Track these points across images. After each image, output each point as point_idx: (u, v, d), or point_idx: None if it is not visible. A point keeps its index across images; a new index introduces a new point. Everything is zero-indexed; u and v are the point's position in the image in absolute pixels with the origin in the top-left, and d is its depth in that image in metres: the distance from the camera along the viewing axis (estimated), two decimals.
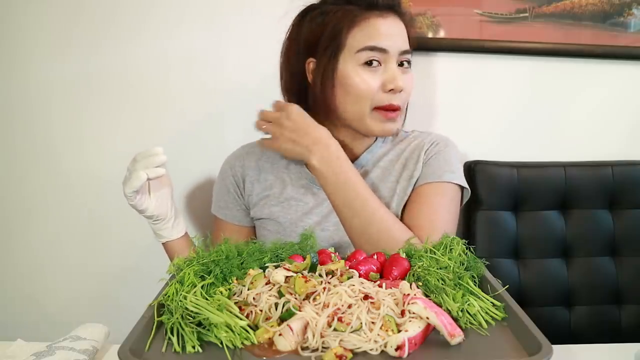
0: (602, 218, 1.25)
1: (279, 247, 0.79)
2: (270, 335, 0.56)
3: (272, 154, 1.06)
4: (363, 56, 0.91)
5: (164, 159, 0.83)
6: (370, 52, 0.91)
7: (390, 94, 0.93)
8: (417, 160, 1.01)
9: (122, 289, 1.34)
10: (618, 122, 1.33)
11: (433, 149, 1.02)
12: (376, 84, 0.92)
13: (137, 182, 0.82)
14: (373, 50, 0.91)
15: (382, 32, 0.91)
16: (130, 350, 0.53)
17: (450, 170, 0.99)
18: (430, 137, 1.05)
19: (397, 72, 0.93)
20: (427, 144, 1.03)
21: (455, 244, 0.74)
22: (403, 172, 1.01)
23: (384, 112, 0.94)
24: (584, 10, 1.24)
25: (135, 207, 0.88)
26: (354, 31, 0.91)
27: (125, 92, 1.26)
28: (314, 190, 1.02)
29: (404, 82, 0.93)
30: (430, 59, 1.27)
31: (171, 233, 0.95)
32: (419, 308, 0.57)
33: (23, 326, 1.36)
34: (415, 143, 1.05)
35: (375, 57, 0.92)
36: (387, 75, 0.93)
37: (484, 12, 1.24)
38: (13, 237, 1.34)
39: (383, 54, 0.92)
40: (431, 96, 1.30)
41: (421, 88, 1.29)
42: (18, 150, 1.29)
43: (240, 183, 1.07)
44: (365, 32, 0.91)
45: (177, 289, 0.62)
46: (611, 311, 1.24)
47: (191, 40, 1.24)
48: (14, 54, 1.24)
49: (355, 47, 0.92)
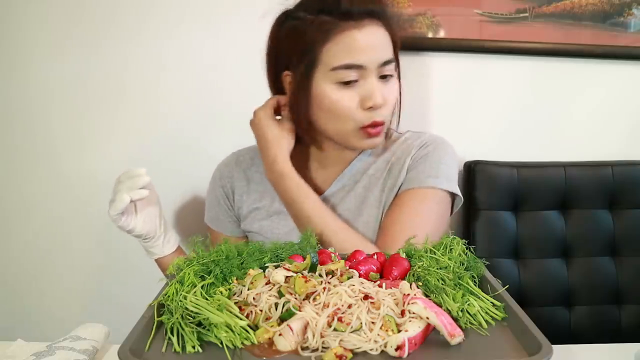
0: (602, 218, 1.25)
1: (279, 247, 0.79)
2: (270, 335, 0.56)
3: (260, 162, 1.01)
4: (339, 75, 0.85)
5: (147, 180, 0.83)
6: (347, 70, 0.84)
7: (370, 111, 0.87)
8: (402, 167, 0.96)
9: (122, 289, 1.34)
10: (618, 122, 1.33)
11: (420, 152, 0.97)
12: (354, 102, 0.86)
13: (120, 205, 0.82)
14: (349, 69, 0.84)
15: (358, 46, 0.83)
16: (130, 350, 0.53)
17: (434, 175, 0.92)
18: (421, 139, 0.99)
19: (376, 88, 0.86)
20: (416, 147, 0.98)
21: (455, 244, 0.74)
22: (388, 181, 0.97)
23: (368, 130, 0.88)
24: (584, 10, 1.25)
25: (122, 228, 0.88)
26: (328, 45, 0.84)
27: (125, 92, 1.26)
28: None
29: (385, 95, 0.87)
30: (430, 59, 1.27)
31: (162, 250, 0.95)
32: (419, 308, 0.57)
33: (23, 326, 1.37)
34: (403, 147, 0.99)
35: (352, 75, 0.85)
36: (365, 91, 0.86)
37: (484, 12, 1.24)
38: (13, 237, 1.34)
39: (360, 70, 0.85)
40: (431, 96, 1.30)
41: (421, 88, 1.29)
42: (18, 151, 1.29)
43: (230, 195, 1.05)
44: (340, 47, 0.84)
45: (177, 289, 0.62)
46: (611, 311, 1.24)
47: (190, 41, 1.24)
48: (14, 55, 1.24)
49: (330, 64, 0.84)
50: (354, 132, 0.89)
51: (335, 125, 0.90)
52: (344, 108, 0.86)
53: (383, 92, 0.87)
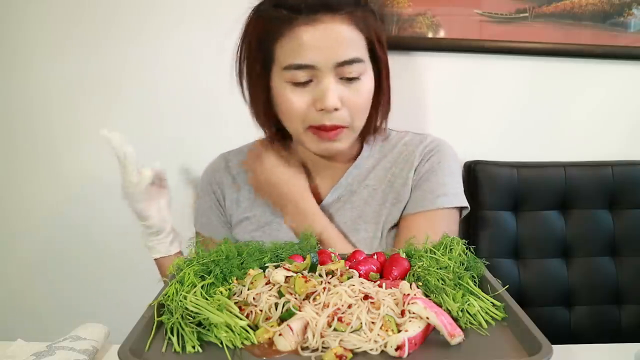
0: (602, 218, 1.25)
1: (279, 247, 0.79)
2: (270, 335, 0.56)
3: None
4: (290, 75, 0.79)
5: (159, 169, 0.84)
6: (297, 70, 0.78)
7: (322, 114, 0.80)
8: (405, 182, 0.91)
9: (122, 289, 1.34)
10: (618, 122, 1.33)
11: (425, 166, 0.91)
12: (305, 103, 0.81)
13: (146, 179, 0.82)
14: (299, 69, 0.78)
15: (308, 44, 0.76)
16: (130, 350, 0.53)
17: (443, 194, 0.89)
18: (423, 144, 0.94)
19: (330, 90, 0.78)
20: (418, 156, 0.92)
21: (455, 244, 0.74)
22: (389, 195, 0.91)
23: (318, 131, 0.82)
24: (584, 10, 1.24)
25: (140, 213, 0.85)
26: (281, 42, 0.79)
27: (125, 92, 1.26)
28: None
29: (346, 98, 0.80)
30: (430, 59, 1.27)
31: (169, 249, 0.92)
32: (419, 308, 0.57)
33: (23, 326, 1.37)
34: (404, 155, 0.94)
35: (303, 75, 0.79)
36: (318, 92, 0.79)
37: (484, 12, 1.24)
38: (13, 237, 1.34)
39: (313, 70, 0.78)
40: (431, 96, 1.30)
41: (421, 88, 1.29)
42: (18, 151, 1.29)
43: (222, 200, 1.00)
44: (290, 44, 0.78)
45: (177, 289, 0.62)
46: (611, 311, 1.24)
47: (190, 42, 1.24)
48: (13, 55, 1.24)
49: (282, 62, 0.80)
50: (305, 133, 0.84)
51: (290, 126, 0.86)
52: (294, 109, 0.81)
53: (343, 94, 0.80)
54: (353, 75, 0.80)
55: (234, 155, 1.04)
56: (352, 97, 0.81)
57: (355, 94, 0.81)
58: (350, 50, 0.79)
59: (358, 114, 0.83)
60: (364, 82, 0.82)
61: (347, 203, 0.94)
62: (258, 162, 0.90)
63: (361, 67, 0.81)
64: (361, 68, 0.81)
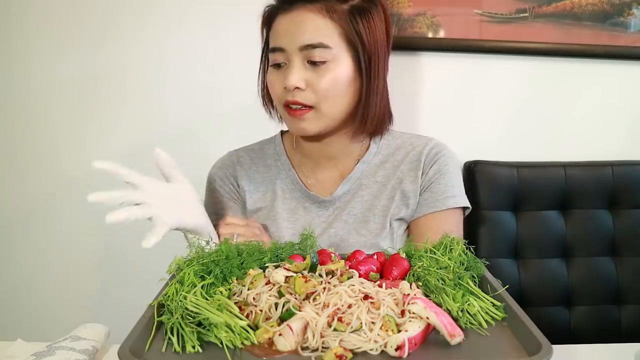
0: (602, 218, 1.25)
1: (279, 247, 0.79)
2: (270, 335, 0.56)
3: (261, 163, 1.03)
4: (271, 58, 0.90)
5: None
6: (273, 53, 0.89)
7: (286, 91, 0.88)
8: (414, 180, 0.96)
9: (122, 289, 1.34)
10: (618, 122, 1.33)
11: (431, 168, 0.96)
12: (280, 83, 0.89)
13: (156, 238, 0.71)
14: (274, 52, 0.89)
15: (280, 30, 0.88)
16: (130, 350, 0.53)
17: (451, 195, 0.95)
18: (428, 147, 0.98)
19: (292, 70, 0.86)
20: (425, 159, 0.97)
21: (455, 244, 0.74)
22: (397, 190, 0.96)
23: (288, 109, 0.89)
24: (584, 10, 1.25)
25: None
26: (270, 31, 0.91)
27: (126, 91, 1.26)
28: (305, 205, 0.98)
29: (308, 79, 0.86)
30: (430, 59, 1.27)
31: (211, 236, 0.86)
32: (419, 308, 0.57)
33: (23, 326, 1.37)
34: (412, 155, 0.98)
35: (278, 57, 0.88)
36: (285, 73, 0.88)
37: (484, 12, 1.24)
38: (14, 237, 1.34)
39: (284, 53, 0.87)
40: (431, 96, 1.30)
41: (421, 88, 1.29)
42: (19, 151, 1.29)
43: (237, 186, 1.03)
44: (272, 31, 0.90)
45: (177, 289, 0.62)
46: (611, 311, 1.24)
47: (191, 41, 1.24)
48: (15, 54, 1.24)
49: (269, 48, 0.91)
50: (283, 110, 0.91)
51: (276, 106, 0.94)
52: (272, 88, 0.91)
53: (309, 77, 0.86)
54: (317, 60, 0.85)
55: (244, 152, 1.06)
56: (317, 80, 0.86)
57: (322, 77, 0.86)
58: (316, 35, 0.85)
59: (325, 97, 0.87)
60: (332, 69, 0.86)
61: (357, 196, 0.98)
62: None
63: (327, 53, 0.86)
64: (327, 54, 0.86)
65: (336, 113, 0.90)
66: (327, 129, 0.92)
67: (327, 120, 0.90)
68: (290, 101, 0.87)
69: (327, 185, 1.00)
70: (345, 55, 0.88)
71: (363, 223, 0.96)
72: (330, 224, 0.97)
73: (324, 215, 0.98)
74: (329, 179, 1.00)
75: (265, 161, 1.04)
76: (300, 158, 1.02)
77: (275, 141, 1.06)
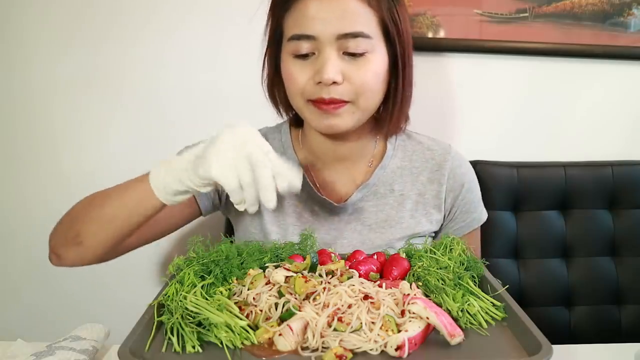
0: (602, 218, 1.25)
1: (279, 247, 0.79)
2: (270, 335, 0.56)
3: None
4: (292, 46, 0.78)
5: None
6: (297, 41, 0.77)
7: (321, 86, 0.77)
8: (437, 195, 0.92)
9: (122, 289, 1.34)
10: (618, 122, 1.33)
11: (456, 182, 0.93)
12: (305, 76, 0.78)
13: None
14: (300, 39, 0.76)
15: (310, 15, 0.75)
16: (130, 350, 0.53)
17: (481, 210, 0.97)
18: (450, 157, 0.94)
19: (328, 62, 0.75)
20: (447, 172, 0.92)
21: (455, 244, 0.74)
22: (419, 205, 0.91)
23: (317, 104, 0.79)
24: (584, 10, 1.25)
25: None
26: (287, 15, 0.78)
27: (125, 92, 1.26)
28: (314, 208, 0.91)
29: (347, 73, 0.77)
30: (430, 59, 1.27)
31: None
32: (419, 308, 0.57)
33: (23, 326, 1.37)
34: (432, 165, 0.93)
35: (304, 46, 0.77)
36: (317, 65, 0.77)
37: (484, 12, 1.24)
38: (13, 237, 1.34)
39: (314, 42, 0.76)
40: (431, 96, 1.30)
41: (421, 88, 1.28)
42: (18, 150, 1.29)
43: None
44: (295, 15, 0.77)
45: (177, 289, 0.62)
46: (611, 311, 1.24)
47: (192, 40, 1.24)
48: (15, 54, 1.24)
49: (287, 34, 0.79)
50: (306, 106, 0.81)
51: (292, 100, 0.83)
52: (294, 81, 0.79)
53: (346, 69, 0.77)
54: (358, 51, 0.76)
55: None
56: (355, 73, 0.77)
57: (360, 70, 0.77)
58: (355, 23, 0.75)
59: (363, 91, 0.78)
60: (371, 60, 0.78)
61: (372, 205, 0.91)
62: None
63: (367, 44, 0.76)
64: (367, 44, 0.76)
65: (371, 108, 0.83)
66: (358, 124, 0.83)
67: (361, 115, 0.82)
68: (324, 99, 0.77)
69: (338, 188, 0.92)
70: (382, 45, 0.79)
71: (379, 232, 0.90)
72: (341, 233, 0.90)
73: (334, 222, 0.90)
74: (339, 181, 0.92)
75: None
76: (306, 155, 0.93)
77: (282, 131, 0.96)
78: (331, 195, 0.91)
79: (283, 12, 0.79)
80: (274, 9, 0.82)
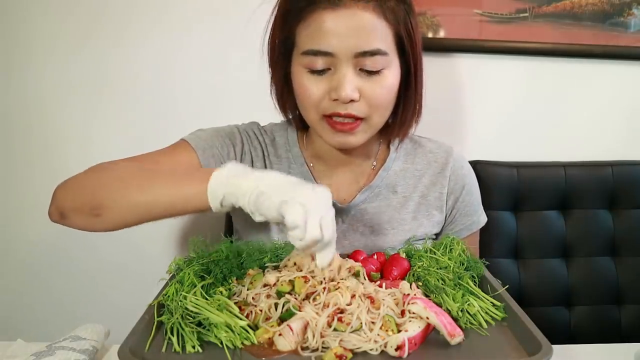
0: (602, 218, 1.25)
1: (279, 247, 0.79)
2: (270, 335, 0.56)
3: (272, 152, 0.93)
4: (307, 61, 0.76)
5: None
6: (313, 57, 0.75)
7: (337, 103, 0.76)
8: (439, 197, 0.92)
9: (122, 289, 1.34)
10: (618, 122, 1.33)
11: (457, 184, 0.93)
12: (320, 91, 0.77)
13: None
14: (316, 55, 0.74)
15: (327, 30, 0.72)
16: (130, 350, 0.53)
17: (481, 212, 0.98)
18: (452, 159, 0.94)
19: (346, 80, 0.74)
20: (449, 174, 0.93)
21: (455, 244, 0.74)
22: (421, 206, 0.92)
23: (333, 122, 0.78)
24: (584, 10, 1.24)
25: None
26: (301, 26, 0.76)
27: (131, 93, 1.26)
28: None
29: (364, 90, 0.76)
30: (430, 59, 1.27)
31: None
32: (419, 308, 0.57)
33: (23, 326, 1.37)
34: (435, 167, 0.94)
35: (319, 62, 0.75)
36: (335, 81, 0.75)
37: (484, 12, 1.24)
38: (13, 237, 1.33)
39: (330, 58, 0.74)
40: (431, 96, 1.29)
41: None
42: (19, 151, 1.29)
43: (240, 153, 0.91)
44: (310, 29, 0.74)
45: (177, 289, 0.62)
46: (611, 311, 1.24)
47: (198, 43, 1.23)
48: (21, 57, 1.23)
49: (301, 47, 0.76)
50: (320, 122, 0.80)
51: (305, 114, 0.82)
52: (309, 96, 0.78)
53: (362, 86, 0.76)
54: (374, 68, 0.75)
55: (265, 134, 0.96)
56: (371, 90, 0.76)
57: (376, 87, 0.76)
58: (373, 40, 0.74)
59: (377, 108, 0.79)
60: (387, 77, 0.77)
61: (374, 207, 0.91)
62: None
63: (384, 60, 0.76)
64: (384, 61, 0.76)
65: (382, 122, 0.83)
66: (369, 138, 0.83)
67: (374, 130, 0.82)
68: (340, 114, 0.76)
69: (341, 189, 0.92)
70: (396, 59, 0.78)
71: (381, 233, 0.90)
72: (344, 234, 0.90)
73: (337, 223, 0.85)
74: (342, 182, 0.93)
75: (277, 150, 0.93)
76: (310, 156, 0.93)
77: (288, 129, 0.95)
78: (334, 197, 0.90)
79: (296, 22, 0.76)
80: (285, 18, 0.78)
